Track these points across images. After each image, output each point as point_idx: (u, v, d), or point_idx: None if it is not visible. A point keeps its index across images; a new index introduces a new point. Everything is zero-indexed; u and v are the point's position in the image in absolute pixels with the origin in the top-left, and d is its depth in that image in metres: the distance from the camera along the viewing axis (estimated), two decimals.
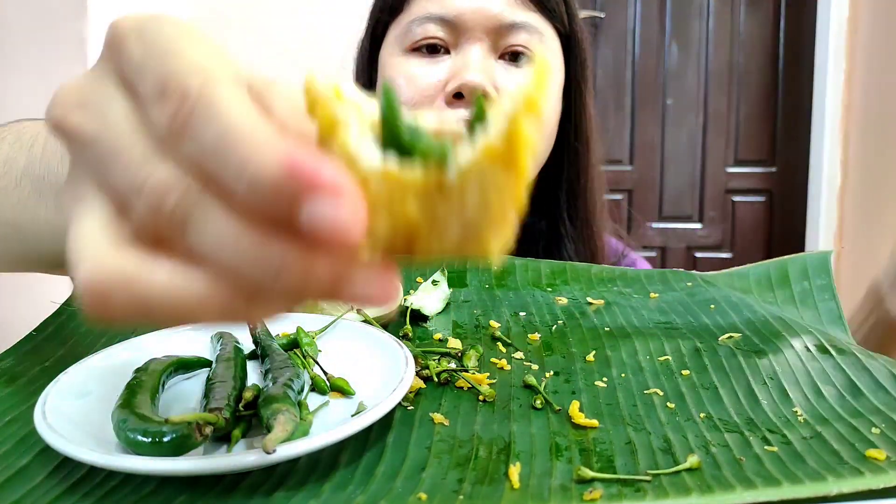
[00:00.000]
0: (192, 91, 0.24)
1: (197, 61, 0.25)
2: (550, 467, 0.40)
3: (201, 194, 0.24)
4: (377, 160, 0.24)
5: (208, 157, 0.23)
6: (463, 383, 0.50)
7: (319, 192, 0.22)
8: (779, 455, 0.41)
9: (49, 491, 0.38)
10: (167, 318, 0.24)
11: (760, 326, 0.60)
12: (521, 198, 0.24)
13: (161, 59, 0.25)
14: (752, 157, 3.05)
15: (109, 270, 0.24)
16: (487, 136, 0.24)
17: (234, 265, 0.23)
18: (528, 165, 0.24)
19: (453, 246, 0.25)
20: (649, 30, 3.04)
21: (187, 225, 0.24)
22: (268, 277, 0.23)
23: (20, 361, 0.53)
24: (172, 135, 0.24)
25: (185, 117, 0.24)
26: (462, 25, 0.78)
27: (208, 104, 0.24)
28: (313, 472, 0.39)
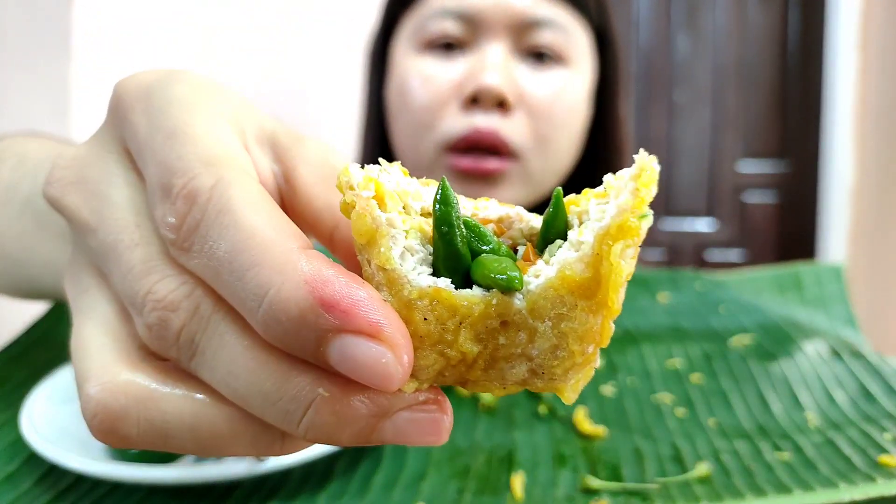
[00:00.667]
0: (201, 194, 0.20)
1: (207, 149, 0.22)
2: (555, 477, 0.39)
3: (212, 315, 0.21)
4: (427, 281, 0.20)
5: (221, 274, 0.20)
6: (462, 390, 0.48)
7: (353, 331, 0.18)
8: (790, 462, 0.40)
9: (37, 498, 0.37)
10: (189, 446, 0.21)
11: (771, 330, 0.59)
12: (607, 336, 0.20)
13: (167, 140, 0.22)
14: (762, 153, 3.03)
15: (121, 390, 0.21)
16: (567, 260, 0.19)
17: (253, 399, 0.20)
18: (619, 302, 0.19)
19: (516, 383, 0.21)
20: (656, 21, 3.02)
21: (197, 350, 0.21)
22: (293, 415, 0.20)
23: (8, 365, 0.52)
24: (178, 243, 0.21)
25: (193, 225, 0.20)
26: (481, 21, 0.71)
27: (221, 210, 0.20)
28: (307, 481, 0.38)
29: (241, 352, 0.20)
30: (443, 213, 0.20)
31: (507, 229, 0.22)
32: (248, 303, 0.19)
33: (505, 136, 0.69)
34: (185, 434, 0.20)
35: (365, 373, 0.18)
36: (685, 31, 3.00)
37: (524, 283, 0.19)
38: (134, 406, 0.21)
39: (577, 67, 0.75)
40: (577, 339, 0.19)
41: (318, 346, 0.19)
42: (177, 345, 0.21)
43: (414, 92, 0.73)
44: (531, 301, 0.19)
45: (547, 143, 0.73)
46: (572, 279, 0.19)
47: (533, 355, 0.20)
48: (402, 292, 0.20)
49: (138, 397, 0.21)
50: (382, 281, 0.20)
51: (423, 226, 0.21)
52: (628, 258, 0.19)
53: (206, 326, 0.20)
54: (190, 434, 0.21)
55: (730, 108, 3.04)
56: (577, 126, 0.77)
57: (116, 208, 0.23)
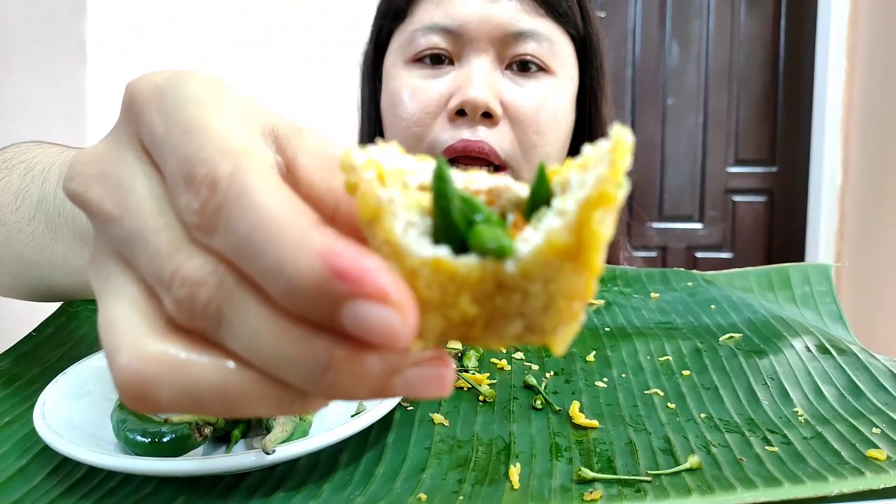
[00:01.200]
0: (221, 181, 0.22)
1: (224, 141, 0.23)
2: (550, 468, 0.39)
3: (236, 288, 0.22)
4: (428, 251, 0.22)
5: (243, 251, 0.22)
6: (463, 383, 0.49)
7: (364, 295, 0.20)
8: (779, 455, 0.40)
9: (48, 491, 0.38)
10: (217, 408, 0.23)
11: (761, 326, 0.60)
12: (590, 293, 0.22)
13: (184, 135, 0.24)
14: (752, 157, 3.05)
15: (152, 359, 0.22)
16: (553, 228, 0.21)
17: (276, 363, 0.22)
18: (600, 263, 0.21)
19: (512, 339, 0.23)
20: (650, 29, 3.04)
21: (223, 320, 0.22)
22: (313, 375, 0.21)
23: (19, 362, 0.53)
24: (202, 225, 0.22)
25: (215, 209, 0.22)
26: (466, 35, 0.74)
27: (239, 194, 0.22)
28: (313, 472, 0.39)
29: (263, 320, 0.22)
30: (440, 188, 0.22)
31: (497, 199, 0.24)
32: (269, 276, 0.21)
33: (492, 146, 0.72)
34: (213, 397, 0.22)
35: (375, 333, 0.20)
36: (677, 38, 3.02)
37: (515, 249, 0.21)
38: (165, 373, 0.22)
39: (562, 76, 0.78)
40: (564, 297, 0.22)
41: (333, 312, 0.20)
42: (204, 316, 0.22)
43: (404, 104, 0.75)
44: (522, 266, 0.21)
45: (534, 151, 0.75)
46: (558, 244, 0.21)
47: (526, 313, 0.22)
48: (406, 262, 0.22)
49: (169, 365, 0.22)
50: (388, 253, 0.22)
51: (421, 200, 0.23)
52: (608, 224, 0.21)
53: (231, 298, 0.22)
54: (218, 397, 0.22)
55: (720, 112, 3.05)
56: (562, 132, 0.79)
57: (139, 198, 0.24)
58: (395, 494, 0.37)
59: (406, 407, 0.46)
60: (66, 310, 0.62)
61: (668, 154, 3.08)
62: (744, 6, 3.00)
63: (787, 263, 0.73)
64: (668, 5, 3.02)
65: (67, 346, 0.56)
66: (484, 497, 0.37)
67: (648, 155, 3.07)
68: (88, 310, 0.61)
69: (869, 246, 2.60)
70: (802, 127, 2.93)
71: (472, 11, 0.74)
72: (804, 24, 2.92)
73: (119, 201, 0.25)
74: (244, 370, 0.22)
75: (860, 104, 2.72)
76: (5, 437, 0.43)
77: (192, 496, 0.37)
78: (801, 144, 2.94)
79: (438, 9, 0.75)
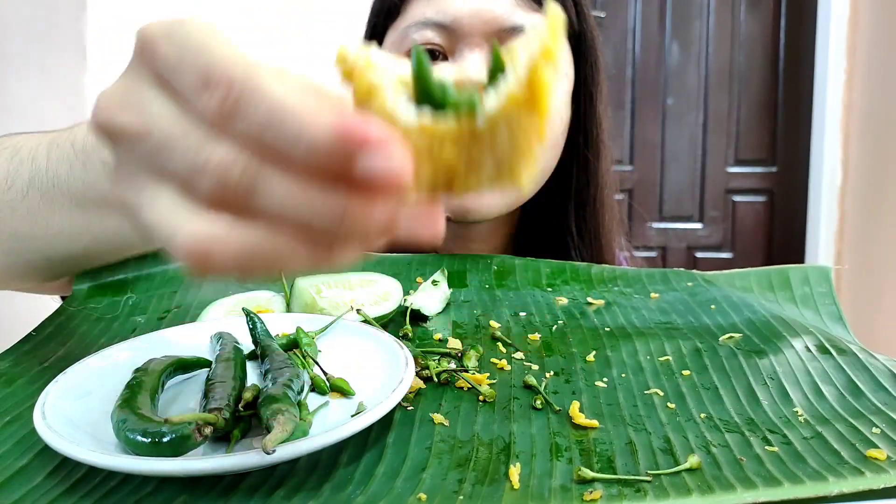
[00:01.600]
0: (236, 78, 0.27)
1: (232, 53, 0.28)
2: (550, 468, 0.40)
3: (261, 163, 0.27)
4: (414, 116, 0.28)
5: (263, 131, 0.27)
6: (463, 383, 0.49)
7: (371, 147, 0.25)
8: (779, 455, 0.41)
9: (49, 491, 0.38)
10: (261, 267, 0.28)
11: (761, 326, 0.60)
12: (544, 133, 0.28)
13: (196, 54, 0.28)
14: (752, 157, 3.05)
15: (204, 233, 0.27)
16: (509, 84, 0.28)
17: (304, 218, 0.27)
18: (550, 106, 0.28)
19: (488, 181, 0.29)
20: (650, 29, 3.04)
21: (255, 191, 0.27)
22: (335, 223, 0.27)
23: (19, 362, 0.53)
24: (223, 118, 0.27)
25: (234, 101, 0.27)
26: (460, 30, 0.74)
27: (255, 87, 0.27)
28: (313, 472, 0.39)
29: (287, 185, 0.27)
30: (419, 64, 0.29)
31: (462, 85, 0.30)
32: (289, 146, 0.26)
33: None
34: (257, 257, 0.28)
35: (381, 177, 0.25)
36: (677, 38, 3.02)
37: (482, 105, 0.28)
38: (215, 242, 0.27)
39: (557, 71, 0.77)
40: (525, 136, 0.28)
41: (347, 166, 0.25)
42: (237, 190, 0.27)
43: None
44: (489, 118, 0.28)
45: None
46: (515, 96, 0.27)
47: (497, 154, 0.29)
48: (398, 125, 0.28)
49: (217, 235, 0.27)
50: (382, 122, 0.27)
51: (403, 79, 0.30)
52: (551, 74, 0.27)
53: (258, 173, 0.27)
54: (261, 256, 0.28)
55: (721, 112, 3.06)
56: (556, 128, 0.79)
57: (162, 115, 0.29)
58: (396, 494, 0.37)
59: (406, 407, 0.46)
60: (66, 309, 0.62)
61: (668, 154, 3.08)
62: (744, 6, 3.00)
63: (786, 265, 0.73)
64: (669, 5, 3.02)
65: (67, 345, 0.56)
66: (484, 497, 0.37)
67: (649, 155, 3.07)
68: (89, 309, 0.62)
69: (869, 246, 2.60)
70: (802, 127, 2.93)
71: (465, 7, 0.74)
72: (804, 24, 2.92)
73: (145, 121, 0.29)
74: (277, 231, 0.27)
75: (860, 104, 2.72)
76: (5, 437, 0.43)
77: (192, 496, 0.37)
78: (801, 144, 2.94)
79: (431, 5, 0.75)
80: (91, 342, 0.57)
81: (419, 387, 0.49)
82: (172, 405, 0.46)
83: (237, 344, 0.50)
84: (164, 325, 0.58)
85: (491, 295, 0.69)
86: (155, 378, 0.44)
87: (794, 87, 2.97)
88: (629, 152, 3.07)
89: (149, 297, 0.65)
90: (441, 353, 0.54)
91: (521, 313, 0.64)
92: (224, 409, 0.40)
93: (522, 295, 0.69)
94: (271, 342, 0.51)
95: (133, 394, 0.41)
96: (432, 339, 0.58)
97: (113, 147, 0.31)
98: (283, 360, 0.47)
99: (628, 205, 3.07)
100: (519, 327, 0.61)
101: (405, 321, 0.60)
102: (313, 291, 0.60)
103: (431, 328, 0.61)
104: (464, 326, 0.61)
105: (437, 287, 0.66)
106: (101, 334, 0.58)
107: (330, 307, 0.59)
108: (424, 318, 0.62)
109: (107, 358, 0.49)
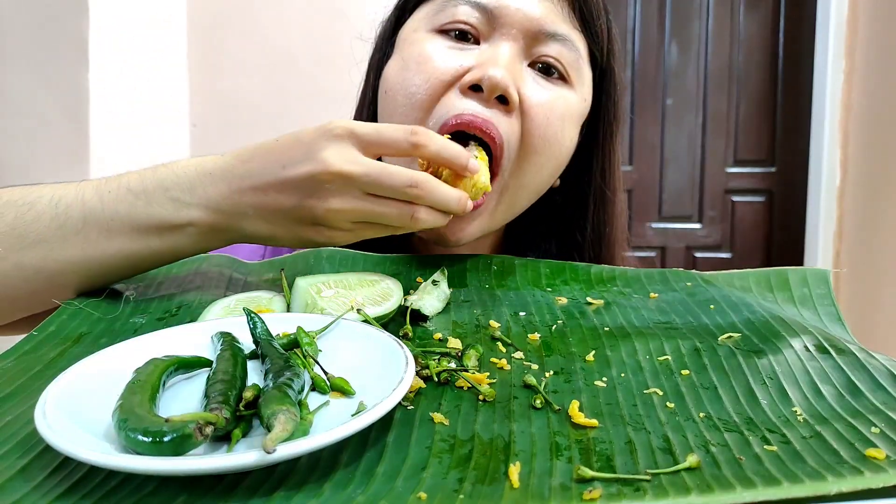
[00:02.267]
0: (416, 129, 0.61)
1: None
2: (550, 467, 0.40)
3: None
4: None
5: (433, 158, 0.63)
6: (463, 383, 0.50)
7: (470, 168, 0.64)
8: (778, 454, 0.41)
9: (49, 491, 0.38)
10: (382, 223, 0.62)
11: (760, 326, 0.60)
12: (480, 185, 0.63)
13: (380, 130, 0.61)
14: (751, 157, 3.06)
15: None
16: (444, 176, 0.64)
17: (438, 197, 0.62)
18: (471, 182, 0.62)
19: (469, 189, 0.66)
20: (649, 29, 3.04)
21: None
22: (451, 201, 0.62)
23: (20, 362, 0.53)
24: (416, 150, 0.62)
25: (418, 140, 0.61)
26: (500, 18, 0.73)
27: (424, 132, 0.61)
28: (313, 471, 0.39)
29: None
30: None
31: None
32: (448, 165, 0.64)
33: (500, 132, 0.71)
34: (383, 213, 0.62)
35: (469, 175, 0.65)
36: (676, 38, 3.02)
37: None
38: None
39: (579, 91, 0.78)
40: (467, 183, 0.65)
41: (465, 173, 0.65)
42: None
43: (419, 68, 0.73)
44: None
45: (532, 156, 0.74)
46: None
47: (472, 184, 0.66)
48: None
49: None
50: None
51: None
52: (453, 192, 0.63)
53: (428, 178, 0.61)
54: (383, 213, 0.62)
55: (720, 113, 3.06)
56: (563, 150, 0.78)
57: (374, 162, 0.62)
58: (396, 493, 0.37)
59: (406, 407, 0.46)
60: (67, 309, 0.62)
61: (667, 154, 3.08)
62: (743, 7, 3.00)
63: (785, 267, 0.73)
64: (668, 6, 3.02)
65: (68, 344, 0.56)
66: (484, 496, 0.37)
67: (648, 155, 3.08)
68: (90, 307, 0.62)
69: (868, 246, 2.60)
70: (801, 127, 2.94)
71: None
72: (803, 24, 2.93)
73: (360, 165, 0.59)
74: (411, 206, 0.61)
75: (859, 104, 2.72)
76: (6, 437, 0.43)
77: (192, 496, 0.37)
78: (800, 145, 2.94)
79: None
80: (92, 342, 0.57)
81: (419, 386, 0.49)
82: (173, 405, 0.46)
83: (238, 344, 0.51)
84: (165, 326, 0.58)
85: (491, 295, 0.69)
86: (156, 378, 0.44)
87: (793, 88, 2.97)
88: (628, 153, 3.07)
89: (149, 298, 0.66)
90: (441, 353, 0.54)
91: (521, 313, 0.64)
92: (224, 409, 0.40)
93: (522, 295, 0.69)
94: (272, 342, 0.51)
95: (134, 393, 0.41)
96: (432, 339, 0.58)
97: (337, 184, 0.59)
98: (284, 360, 0.47)
99: (627, 205, 3.07)
100: (519, 327, 0.61)
101: (405, 321, 0.61)
102: (313, 291, 0.60)
103: (431, 328, 0.61)
104: (464, 326, 0.61)
105: (437, 287, 0.66)
106: (102, 334, 0.58)
107: (330, 307, 0.59)
108: (424, 317, 0.62)
109: (107, 358, 0.49)
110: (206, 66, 2.46)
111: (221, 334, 0.52)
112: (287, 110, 2.44)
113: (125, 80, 2.10)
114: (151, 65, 2.27)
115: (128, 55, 2.11)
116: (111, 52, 2.02)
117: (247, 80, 2.47)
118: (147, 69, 2.24)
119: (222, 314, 0.59)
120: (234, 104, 2.47)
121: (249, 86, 2.48)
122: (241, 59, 2.47)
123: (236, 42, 2.47)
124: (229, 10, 2.47)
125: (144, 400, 0.41)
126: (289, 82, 2.44)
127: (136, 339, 0.52)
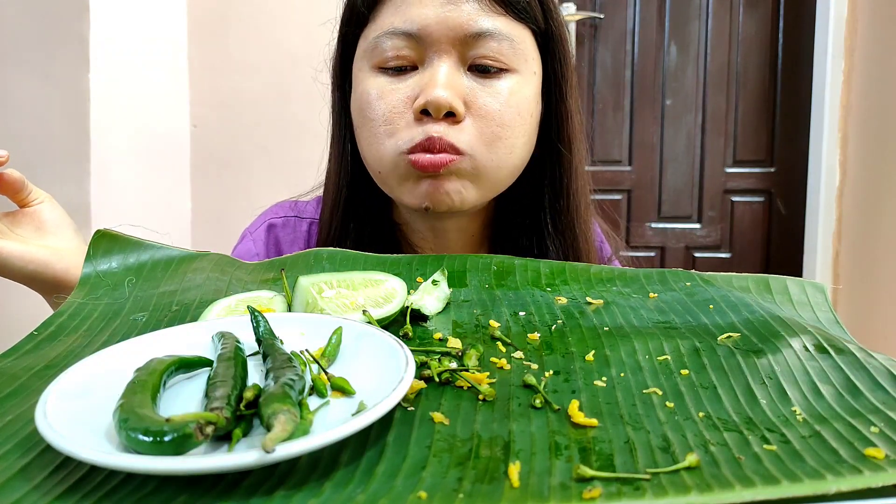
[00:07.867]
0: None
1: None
2: (550, 466, 0.40)
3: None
4: None
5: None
6: (463, 383, 0.50)
7: None
8: (778, 454, 0.41)
9: (49, 491, 0.38)
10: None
11: (759, 326, 0.60)
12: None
13: None
14: (750, 158, 3.05)
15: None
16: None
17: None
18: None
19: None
20: (648, 30, 3.04)
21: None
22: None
23: (21, 361, 0.53)
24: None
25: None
26: (427, 38, 0.77)
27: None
28: (314, 471, 0.39)
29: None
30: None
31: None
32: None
33: (455, 141, 0.76)
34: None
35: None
36: (676, 39, 3.02)
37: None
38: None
39: (524, 72, 0.81)
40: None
41: None
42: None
43: (372, 106, 0.80)
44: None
45: (498, 142, 0.79)
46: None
47: None
48: None
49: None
50: None
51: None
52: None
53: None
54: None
55: (719, 113, 3.06)
56: (527, 125, 0.82)
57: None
58: (396, 492, 0.37)
59: (406, 406, 0.46)
60: (67, 309, 0.62)
61: (666, 154, 3.08)
62: (742, 7, 3.00)
63: (784, 276, 0.74)
64: (667, 7, 3.02)
65: (69, 344, 0.56)
66: (484, 495, 0.37)
67: (647, 155, 3.07)
68: (90, 306, 0.62)
69: (867, 246, 2.60)
70: (801, 128, 2.94)
71: (431, 14, 0.76)
72: (802, 25, 2.93)
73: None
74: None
75: (858, 105, 2.72)
76: (7, 437, 0.43)
77: (193, 495, 0.37)
78: (800, 145, 2.94)
79: (398, 13, 0.78)
80: (92, 342, 0.57)
81: (419, 386, 0.49)
82: (174, 404, 0.46)
83: (239, 343, 0.51)
84: (165, 325, 0.58)
85: (491, 295, 0.69)
86: (156, 377, 0.44)
87: (793, 88, 2.97)
88: (628, 153, 3.07)
89: (150, 297, 0.66)
90: (441, 353, 0.54)
91: (521, 313, 0.64)
92: (225, 409, 0.40)
93: (522, 295, 0.69)
94: (274, 341, 0.51)
95: (134, 393, 0.41)
96: (432, 339, 0.58)
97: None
98: (285, 360, 0.47)
99: (627, 205, 3.07)
100: (518, 327, 0.61)
101: (405, 321, 0.61)
102: (314, 291, 0.60)
103: (431, 328, 0.61)
104: (464, 326, 0.62)
105: (437, 287, 0.66)
106: (103, 334, 0.58)
107: (331, 307, 0.59)
108: (424, 317, 0.62)
109: (108, 357, 0.49)
110: (206, 66, 2.46)
111: (222, 334, 0.52)
112: (287, 110, 2.44)
113: (125, 80, 2.10)
114: (151, 65, 2.27)
115: (128, 55, 2.11)
116: (111, 52, 2.02)
117: (247, 80, 2.47)
118: (147, 69, 2.24)
119: (223, 314, 0.59)
120: (234, 104, 2.47)
121: (249, 86, 2.48)
122: (241, 59, 2.47)
123: (236, 42, 2.47)
124: (229, 10, 2.47)
125: (145, 399, 0.41)
126: (289, 82, 2.44)
127: (136, 338, 0.52)
